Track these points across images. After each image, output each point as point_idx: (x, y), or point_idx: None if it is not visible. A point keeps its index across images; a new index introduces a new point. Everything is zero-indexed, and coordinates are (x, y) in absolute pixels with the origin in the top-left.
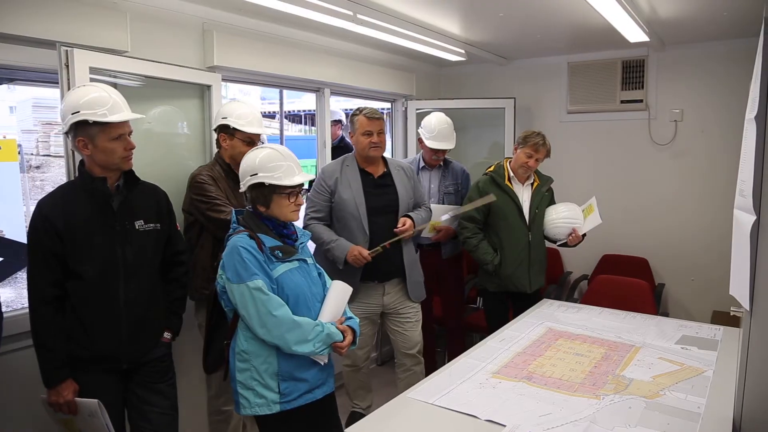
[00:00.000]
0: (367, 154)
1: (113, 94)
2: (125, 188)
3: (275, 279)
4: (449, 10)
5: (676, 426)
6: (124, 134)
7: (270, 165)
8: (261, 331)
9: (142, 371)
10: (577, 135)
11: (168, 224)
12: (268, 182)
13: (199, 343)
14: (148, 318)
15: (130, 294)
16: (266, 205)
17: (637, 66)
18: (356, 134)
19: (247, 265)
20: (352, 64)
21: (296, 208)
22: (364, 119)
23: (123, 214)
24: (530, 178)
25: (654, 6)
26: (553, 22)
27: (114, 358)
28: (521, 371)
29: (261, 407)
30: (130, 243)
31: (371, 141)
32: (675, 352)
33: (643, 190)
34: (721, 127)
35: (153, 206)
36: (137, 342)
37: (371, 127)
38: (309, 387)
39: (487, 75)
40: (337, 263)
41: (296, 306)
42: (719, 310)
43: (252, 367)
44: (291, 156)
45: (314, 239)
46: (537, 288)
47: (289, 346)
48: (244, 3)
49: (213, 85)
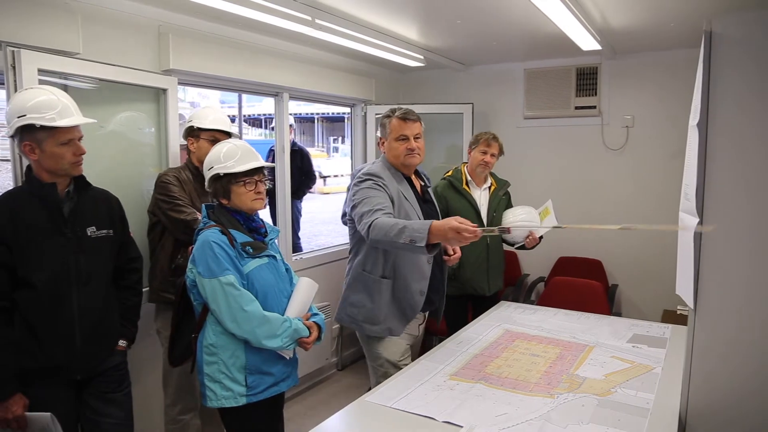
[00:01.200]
0: (403, 162)
1: (62, 97)
2: (76, 194)
3: (245, 274)
4: (408, 16)
5: (626, 421)
6: (73, 139)
7: (223, 157)
8: (232, 326)
9: (96, 381)
10: (533, 140)
11: (121, 231)
12: (222, 172)
13: (156, 349)
14: (102, 326)
15: (84, 302)
16: (227, 196)
17: (590, 73)
18: (389, 139)
19: (219, 260)
20: (312, 68)
21: (257, 196)
22: (398, 122)
23: (74, 220)
24: (487, 182)
25: (605, 16)
26: (509, 30)
27: (67, 369)
28: (478, 372)
29: (228, 400)
30: (83, 250)
31: (407, 147)
32: (626, 350)
33: (596, 193)
34: (669, 133)
35: (105, 212)
36: (92, 352)
37: (407, 131)
38: (275, 380)
39: (445, 81)
40: (417, 242)
41: (265, 301)
42: (669, 309)
43: (220, 361)
44: (246, 147)
45: (381, 231)
46: (496, 290)
47: (258, 340)
48: (201, 6)
49: (169, 88)
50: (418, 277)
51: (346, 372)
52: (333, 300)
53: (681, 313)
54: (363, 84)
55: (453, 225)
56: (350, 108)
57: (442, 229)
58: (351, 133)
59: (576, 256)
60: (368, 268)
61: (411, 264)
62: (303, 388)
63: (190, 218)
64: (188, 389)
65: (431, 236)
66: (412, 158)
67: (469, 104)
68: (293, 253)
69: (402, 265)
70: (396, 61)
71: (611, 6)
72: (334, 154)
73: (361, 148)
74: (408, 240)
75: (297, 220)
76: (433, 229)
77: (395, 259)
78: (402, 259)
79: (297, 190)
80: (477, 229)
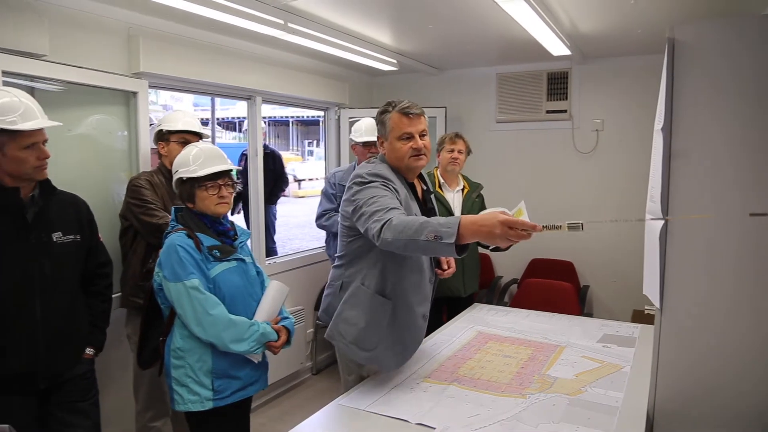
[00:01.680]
0: (407, 165)
1: (25, 99)
2: (41, 199)
3: (212, 278)
4: (381, 20)
5: (596, 420)
6: (37, 143)
7: (188, 160)
8: (197, 329)
9: (62, 390)
10: (505, 143)
11: (89, 235)
12: (185, 177)
13: (126, 355)
14: (67, 334)
15: (48, 309)
16: (191, 200)
17: (561, 78)
18: (389, 138)
19: (184, 264)
20: (285, 72)
21: (220, 200)
22: (399, 117)
23: (39, 225)
24: (460, 184)
25: (574, 21)
26: (481, 35)
27: (29, 377)
28: (451, 374)
29: (194, 404)
30: (48, 256)
31: (413, 147)
32: (597, 350)
33: (568, 196)
34: (638, 136)
35: (72, 217)
36: (56, 359)
37: (411, 128)
38: (242, 384)
39: (419, 84)
40: (443, 237)
41: (232, 305)
42: (638, 310)
43: (187, 364)
44: (211, 151)
45: (397, 229)
46: (471, 292)
47: (225, 344)
48: (172, 9)
49: (139, 92)
50: (420, 298)
51: (321, 376)
52: (306, 304)
53: (648, 312)
54: (336, 88)
55: (502, 219)
56: (324, 112)
57: (483, 225)
58: (325, 137)
59: (548, 258)
60: (366, 282)
61: (413, 283)
62: (278, 393)
63: (162, 222)
64: (159, 395)
65: (462, 233)
66: (419, 160)
67: (442, 108)
68: (267, 257)
69: (403, 283)
70: (369, 65)
71: (580, 12)
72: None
73: (335, 152)
74: (432, 236)
75: (272, 224)
76: (465, 223)
77: (397, 275)
78: (404, 277)
79: (271, 194)
80: (537, 225)
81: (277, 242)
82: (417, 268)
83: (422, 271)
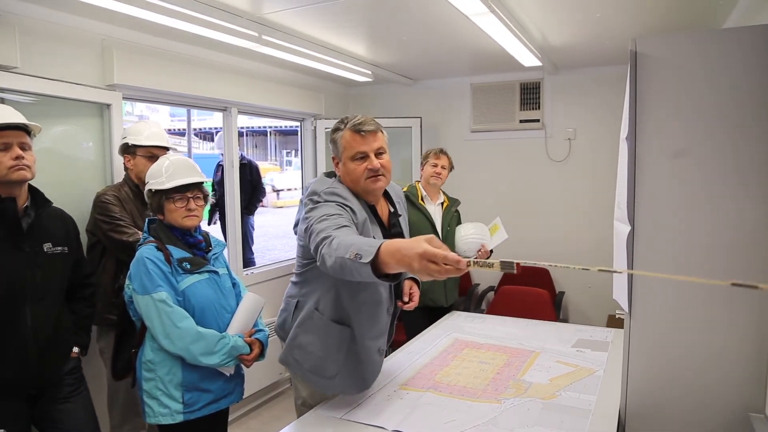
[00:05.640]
0: (364, 188)
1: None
2: (33, 210)
3: (181, 291)
4: (354, 32)
5: (569, 423)
6: (10, 144)
7: (158, 172)
8: (165, 342)
9: (52, 389)
10: (480, 152)
11: (76, 248)
12: (154, 188)
13: (100, 372)
14: (55, 342)
15: (38, 318)
16: (161, 212)
17: (533, 88)
18: (342, 159)
19: (152, 277)
20: (260, 83)
21: (188, 213)
22: (352, 136)
23: (32, 235)
24: (440, 198)
25: (545, 34)
26: (454, 47)
27: (20, 383)
28: (428, 381)
29: (165, 417)
30: (39, 265)
31: (368, 167)
32: (571, 355)
33: (542, 204)
34: (609, 144)
35: (61, 229)
36: (46, 366)
37: (364, 146)
38: (214, 397)
39: (394, 95)
40: (363, 256)
41: (203, 318)
42: (613, 314)
43: (157, 377)
44: (182, 163)
45: (335, 248)
46: (453, 302)
47: (194, 357)
48: (146, 21)
49: (113, 103)
50: (376, 332)
51: None
52: None
53: (619, 317)
54: (312, 98)
55: (421, 251)
56: (300, 122)
57: (404, 255)
58: (301, 148)
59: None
60: (321, 308)
61: (368, 315)
62: (257, 404)
63: (133, 239)
64: (135, 409)
65: (382, 257)
66: (376, 182)
67: (417, 118)
68: (244, 268)
69: (359, 314)
70: (344, 76)
71: (549, 25)
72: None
73: (312, 163)
74: (354, 254)
75: (250, 234)
76: (387, 246)
77: (351, 304)
78: (359, 307)
79: (248, 204)
80: (461, 260)
81: (255, 253)
82: (374, 299)
83: (380, 302)
